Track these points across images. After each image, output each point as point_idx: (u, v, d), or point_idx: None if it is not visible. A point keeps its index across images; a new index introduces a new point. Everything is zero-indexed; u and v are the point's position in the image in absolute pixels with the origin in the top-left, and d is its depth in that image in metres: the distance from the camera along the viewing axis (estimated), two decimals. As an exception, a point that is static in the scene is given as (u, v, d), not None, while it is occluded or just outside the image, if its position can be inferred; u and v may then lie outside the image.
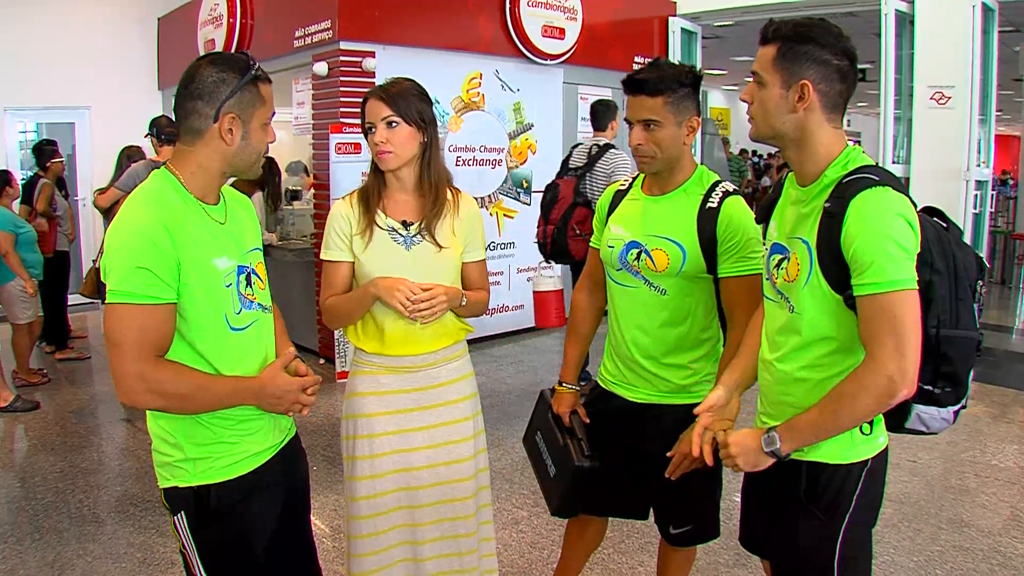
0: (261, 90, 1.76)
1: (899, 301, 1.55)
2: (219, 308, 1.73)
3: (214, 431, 1.75)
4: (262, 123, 1.78)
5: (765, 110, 1.72)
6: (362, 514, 2.26)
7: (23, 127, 9.24)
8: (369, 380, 2.29)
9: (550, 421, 2.52)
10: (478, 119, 7.06)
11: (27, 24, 8.76)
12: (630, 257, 2.26)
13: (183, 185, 1.73)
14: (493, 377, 6.22)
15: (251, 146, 1.77)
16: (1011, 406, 5.67)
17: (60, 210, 6.84)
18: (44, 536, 3.59)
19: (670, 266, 2.19)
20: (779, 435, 1.70)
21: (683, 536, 2.43)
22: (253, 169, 1.82)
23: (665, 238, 2.20)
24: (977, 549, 3.49)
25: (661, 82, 2.12)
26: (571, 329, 2.56)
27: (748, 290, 2.12)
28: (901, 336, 1.55)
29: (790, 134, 1.72)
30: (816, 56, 1.66)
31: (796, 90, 1.67)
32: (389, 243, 2.24)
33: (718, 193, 2.21)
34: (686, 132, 2.18)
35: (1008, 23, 8.46)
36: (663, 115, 2.13)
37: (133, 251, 1.60)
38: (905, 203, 1.60)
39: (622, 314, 2.33)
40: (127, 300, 1.60)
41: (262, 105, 1.77)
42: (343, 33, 6.09)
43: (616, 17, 8.22)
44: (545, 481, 2.54)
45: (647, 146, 2.17)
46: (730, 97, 19.38)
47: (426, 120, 2.24)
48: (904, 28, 7.29)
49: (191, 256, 1.66)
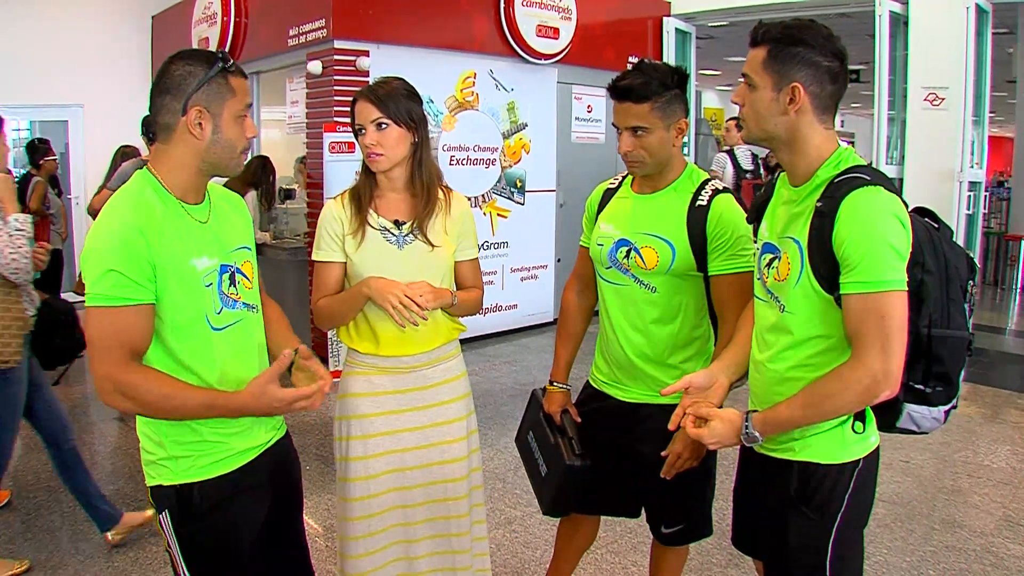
0: (231, 82, 1.72)
1: (887, 301, 1.56)
2: (199, 308, 1.72)
3: (196, 430, 1.74)
4: (235, 115, 1.73)
5: (756, 112, 1.72)
6: (356, 515, 2.26)
7: (16, 125, 9.20)
8: (362, 381, 2.29)
9: (541, 420, 2.51)
10: (472, 118, 7.06)
11: (21, 22, 8.73)
12: (620, 255, 2.26)
13: (162, 185, 1.72)
14: (486, 377, 6.22)
15: (224, 139, 1.73)
16: (1004, 407, 5.69)
17: (53, 208, 6.82)
18: (36, 535, 3.58)
19: (659, 264, 2.19)
20: (755, 424, 1.73)
21: (675, 535, 2.43)
22: (233, 165, 1.78)
23: (654, 236, 2.20)
24: (970, 549, 3.50)
25: (647, 88, 2.11)
26: (561, 329, 2.56)
27: (738, 287, 2.12)
28: (887, 336, 1.56)
29: (782, 136, 1.72)
30: (806, 58, 1.66)
31: (787, 92, 1.67)
32: (381, 243, 2.23)
33: (708, 191, 2.21)
34: (675, 134, 2.18)
35: (1002, 25, 8.48)
36: (651, 121, 2.13)
37: (104, 254, 1.61)
38: (897, 203, 1.60)
39: (613, 312, 2.33)
40: (99, 303, 1.60)
41: (232, 96, 1.72)
42: (337, 32, 6.09)
43: (610, 17, 8.23)
44: (537, 480, 2.54)
45: (636, 152, 2.17)
46: (724, 97, 19.39)
47: (416, 120, 2.23)
48: (898, 29, 7.31)
49: (167, 257, 1.66)
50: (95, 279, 1.61)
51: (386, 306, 2.11)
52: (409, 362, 2.28)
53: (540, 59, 7.45)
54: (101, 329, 1.61)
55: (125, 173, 5.33)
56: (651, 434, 2.23)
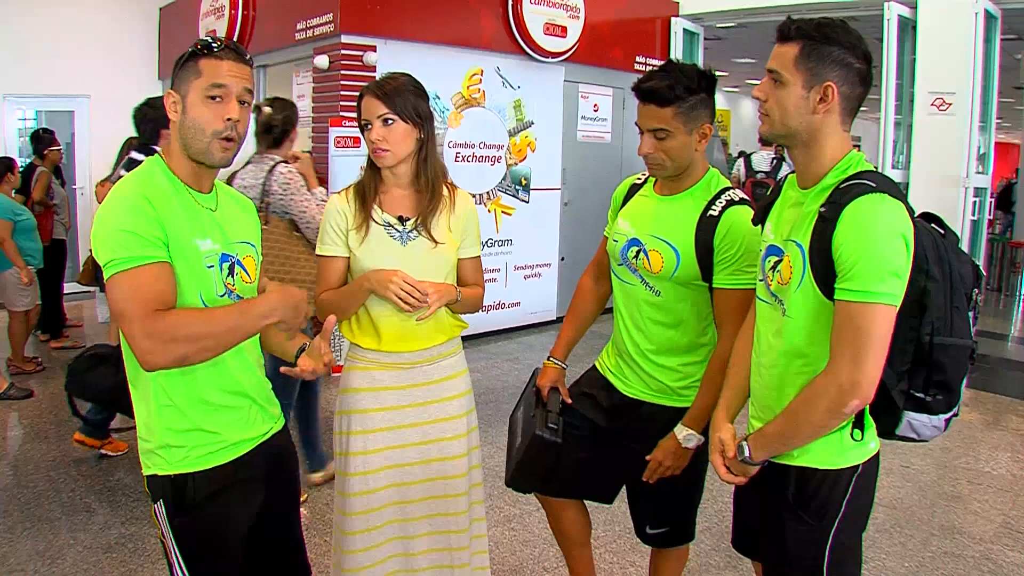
0: (200, 64, 1.72)
1: (868, 313, 1.55)
2: (196, 287, 1.72)
3: (191, 418, 1.74)
4: (201, 96, 1.71)
5: (783, 109, 1.69)
6: (355, 510, 2.26)
7: (23, 114, 9.22)
8: (364, 376, 2.29)
9: (531, 394, 2.54)
10: (478, 115, 7.05)
11: (29, 11, 8.73)
12: (630, 254, 2.26)
13: (169, 168, 1.76)
14: (488, 374, 6.22)
15: (190, 119, 1.72)
16: (1005, 414, 5.68)
17: (57, 198, 6.83)
18: (36, 525, 3.59)
19: (663, 269, 2.18)
20: (748, 443, 1.75)
21: (659, 537, 2.43)
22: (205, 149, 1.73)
23: (662, 240, 2.19)
24: (968, 556, 3.50)
25: (671, 91, 2.07)
26: (571, 309, 2.58)
27: (738, 304, 2.10)
28: (860, 347, 1.55)
29: (803, 135, 1.70)
30: (840, 58, 1.64)
31: (819, 91, 1.65)
32: (385, 238, 2.23)
33: (722, 201, 2.16)
34: (697, 139, 2.14)
35: (1010, 31, 8.45)
36: (673, 125, 2.10)
37: (116, 219, 1.62)
38: (900, 212, 1.58)
39: (622, 308, 2.35)
40: (118, 268, 1.60)
41: (196, 77, 1.72)
42: (345, 27, 6.08)
43: (618, 16, 8.21)
44: (510, 451, 2.54)
45: (656, 154, 2.14)
46: (731, 99, 19.35)
47: (422, 116, 2.23)
48: (906, 33, 7.28)
49: (173, 230, 1.67)
50: (110, 247, 1.60)
51: (388, 295, 2.12)
52: (411, 358, 2.28)
53: (547, 57, 7.44)
54: (127, 293, 1.59)
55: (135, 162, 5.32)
56: (645, 433, 2.25)
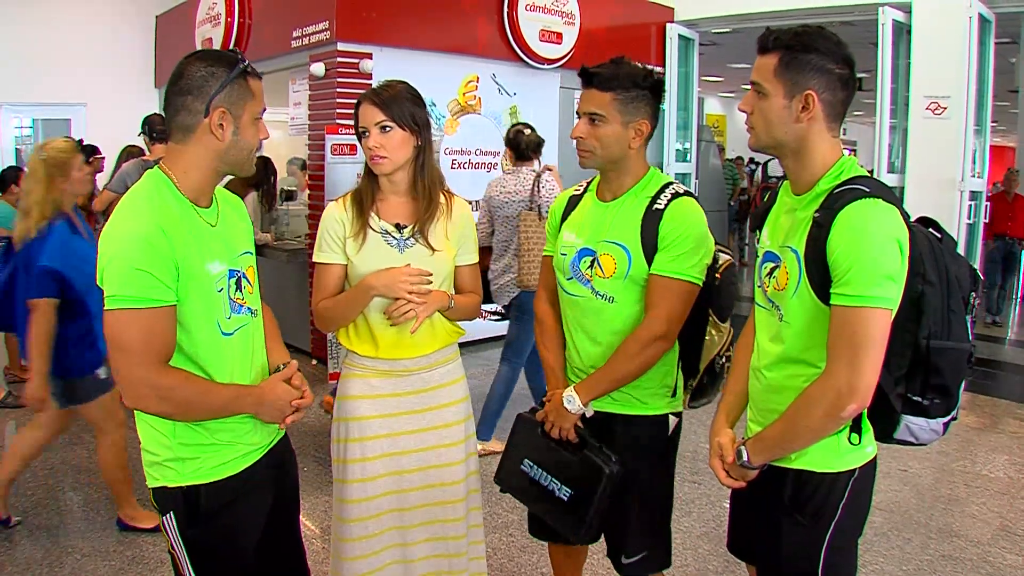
0: (251, 84, 1.75)
1: (864, 317, 1.55)
2: (212, 314, 1.73)
3: (203, 432, 1.74)
4: (253, 118, 1.76)
5: (767, 120, 1.70)
6: (352, 517, 2.26)
7: (19, 123, 9.22)
8: (361, 383, 2.29)
9: (545, 441, 2.25)
10: (474, 122, 7.06)
11: (25, 20, 8.74)
12: (583, 265, 2.18)
13: (176, 186, 1.71)
14: (485, 381, 6.19)
15: (243, 141, 1.75)
16: (1002, 417, 5.69)
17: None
18: (33, 533, 3.58)
19: (616, 270, 2.12)
20: (747, 448, 1.76)
21: (635, 565, 2.27)
22: (246, 166, 1.80)
23: (612, 242, 2.13)
24: (966, 559, 3.50)
25: (614, 79, 2.06)
26: (545, 341, 2.33)
27: (671, 294, 2.06)
28: (857, 351, 1.55)
29: (791, 144, 1.70)
30: (819, 65, 1.64)
31: (800, 100, 1.66)
32: (382, 246, 2.24)
33: (667, 194, 2.12)
34: (632, 135, 2.10)
35: (1004, 35, 8.49)
36: (609, 111, 2.07)
37: (131, 255, 1.58)
38: (894, 216, 1.59)
39: (572, 324, 2.25)
40: (129, 305, 1.58)
41: (252, 99, 1.75)
42: (341, 34, 6.09)
43: (614, 23, 8.24)
44: (559, 508, 2.20)
45: (588, 140, 2.11)
46: (726, 104, 19.41)
47: (419, 123, 2.23)
48: (901, 38, 7.32)
49: (186, 260, 1.65)
50: (122, 281, 1.58)
51: (401, 294, 2.15)
52: (408, 365, 2.29)
53: (543, 64, 7.46)
54: (135, 332, 1.59)
55: (128, 174, 5.32)
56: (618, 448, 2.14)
